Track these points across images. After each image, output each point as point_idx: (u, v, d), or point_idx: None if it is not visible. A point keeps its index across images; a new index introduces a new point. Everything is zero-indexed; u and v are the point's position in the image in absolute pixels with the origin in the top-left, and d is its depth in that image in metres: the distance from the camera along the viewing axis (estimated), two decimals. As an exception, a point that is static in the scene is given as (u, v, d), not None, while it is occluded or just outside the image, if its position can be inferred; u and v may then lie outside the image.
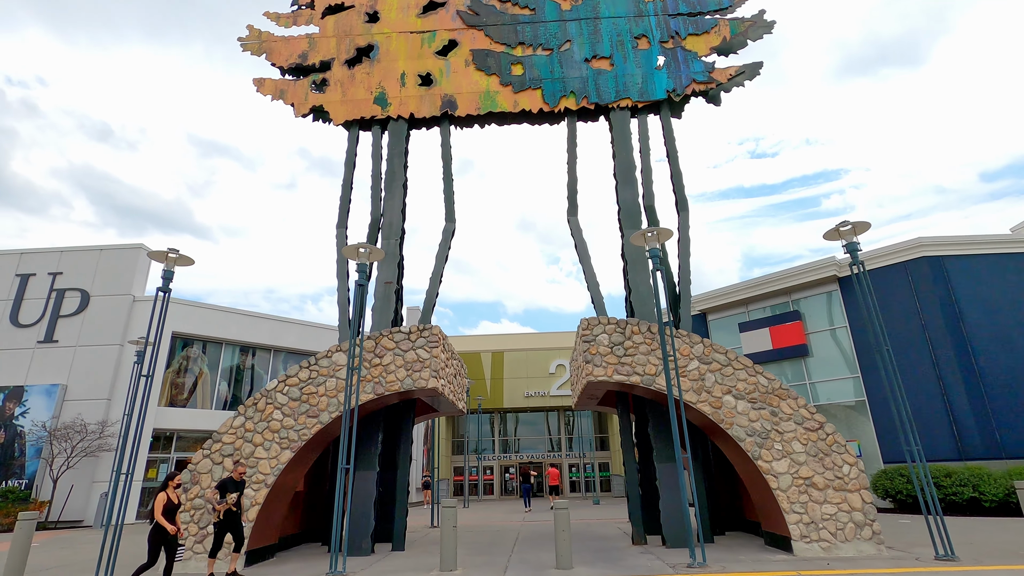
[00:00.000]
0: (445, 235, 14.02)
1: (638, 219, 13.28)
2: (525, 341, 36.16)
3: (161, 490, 7.64)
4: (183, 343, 20.46)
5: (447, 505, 8.71)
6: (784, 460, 9.46)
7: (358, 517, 10.56)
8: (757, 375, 10.10)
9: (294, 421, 10.15)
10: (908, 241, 16.79)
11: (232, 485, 8.28)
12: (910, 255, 16.65)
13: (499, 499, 32.53)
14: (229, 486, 8.27)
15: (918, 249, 16.51)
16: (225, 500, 8.10)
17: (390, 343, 10.77)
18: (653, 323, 10.80)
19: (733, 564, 8.30)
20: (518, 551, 10.35)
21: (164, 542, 7.43)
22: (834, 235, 10.11)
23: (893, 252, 17.11)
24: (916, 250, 16.54)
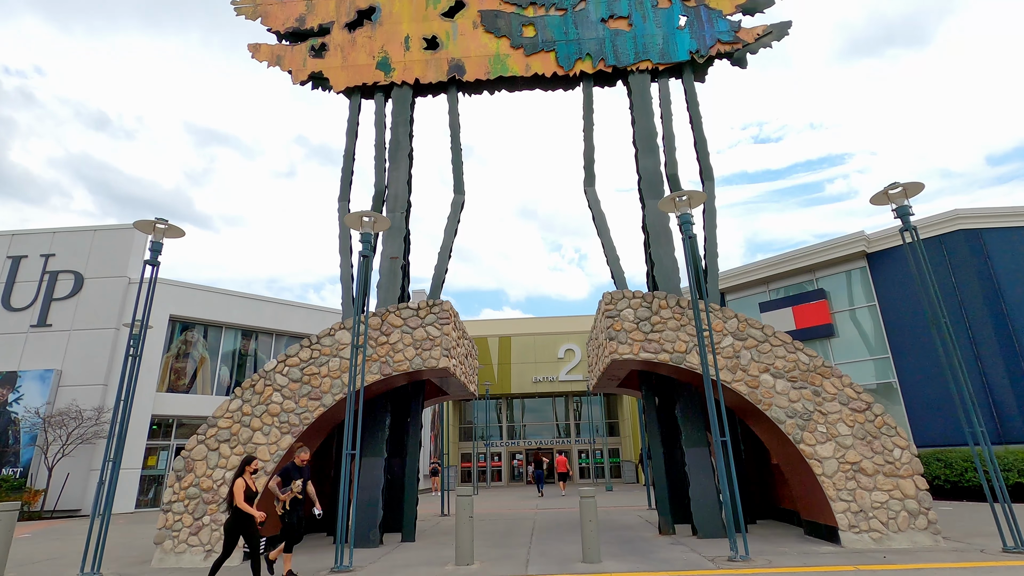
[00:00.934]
0: (454, 207, 13.17)
1: (660, 189, 12.41)
2: (533, 326, 35.41)
3: (237, 476, 6.85)
4: (182, 327, 19.76)
5: (463, 494, 7.97)
6: (829, 444, 8.66)
7: (365, 506, 9.85)
8: (797, 352, 9.28)
9: (295, 404, 9.40)
10: (944, 213, 15.85)
11: (295, 471, 7.39)
12: (946, 228, 15.71)
13: (507, 486, 31.98)
14: (292, 472, 7.35)
15: (955, 222, 15.57)
16: (290, 488, 7.24)
17: (397, 320, 9.97)
18: (682, 296, 9.96)
19: (778, 557, 7.54)
20: (537, 542, 9.63)
21: (244, 532, 6.65)
22: (882, 199, 9.22)
23: (928, 225, 16.16)
24: (952, 223, 15.60)
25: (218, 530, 8.61)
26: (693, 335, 9.54)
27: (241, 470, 6.94)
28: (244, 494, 6.70)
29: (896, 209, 9.16)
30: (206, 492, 8.81)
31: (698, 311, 8.65)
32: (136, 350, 8.79)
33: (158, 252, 9.30)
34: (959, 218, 15.52)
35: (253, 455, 7.22)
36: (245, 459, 7.06)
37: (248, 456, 7.10)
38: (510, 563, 7.80)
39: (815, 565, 6.97)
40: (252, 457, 7.10)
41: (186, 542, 8.56)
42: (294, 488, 7.27)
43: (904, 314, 16.27)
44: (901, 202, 9.12)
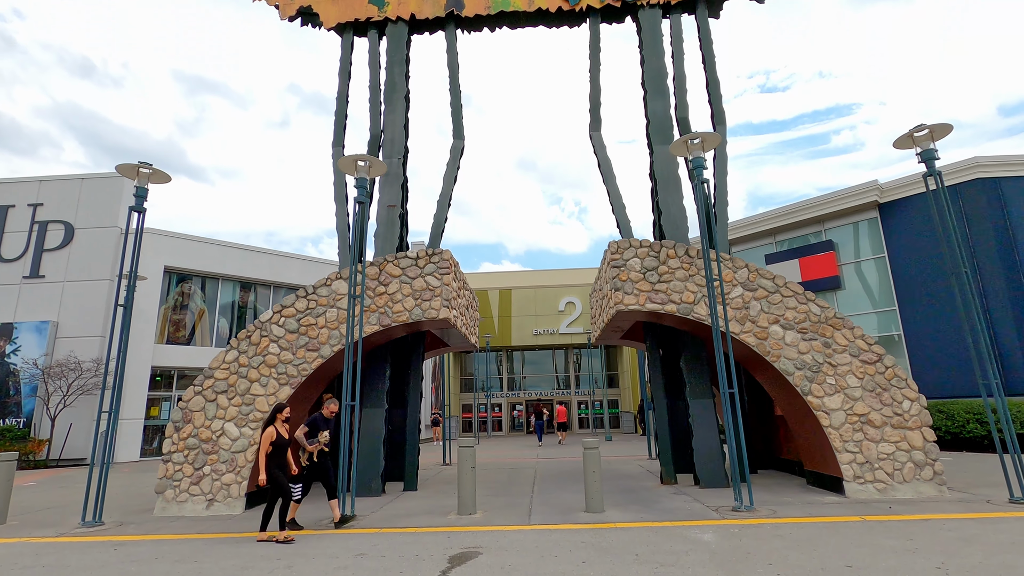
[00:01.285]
0: (453, 153, 12.61)
1: (670, 133, 11.82)
2: (534, 278, 35.16)
3: (268, 424, 6.63)
4: (178, 278, 19.47)
5: (464, 444, 7.85)
6: (837, 395, 8.50)
7: (367, 456, 9.81)
8: (808, 303, 9.00)
9: (292, 355, 9.19)
10: (962, 162, 15.26)
11: (323, 423, 7.17)
12: (964, 177, 15.17)
13: (508, 435, 32.54)
14: (320, 423, 7.12)
15: (972, 170, 15.01)
16: (317, 440, 7.02)
17: (395, 269, 9.64)
18: (691, 245, 9.59)
19: (782, 507, 7.49)
20: (539, 491, 9.65)
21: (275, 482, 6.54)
22: (907, 142, 8.74)
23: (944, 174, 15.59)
24: (970, 171, 15.04)
25: (219, 480, 8.56)
26: (701, 285, 9.23)
27: (272, 417, 6.74)
28: (272, 443, 6.54)
29: (921, 153, 8.69)
30: (205, 443, 8.71)
31: (708, 260, 8.31)
32: (126, 300, 8.50)
33: (143, 198, 8.88)
34: (978, 166, 14.96)
35: (284, 402, 6.93)
36: (276, 406, 6.79)
37: (279, 404, 6.87)
38: (513, 512, 7.77)
39: (820, 515, 6.91)
40: (283, 404, 6.85)
41: (187, 491, 8.52)
42: (321, 440, 7.07)
43: (914, 266, 15.94)
44: (927, 145, 8.64)
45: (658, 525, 6.67)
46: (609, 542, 5.93)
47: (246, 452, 8.66)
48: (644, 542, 5.88)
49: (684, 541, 5.88)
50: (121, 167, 8.60)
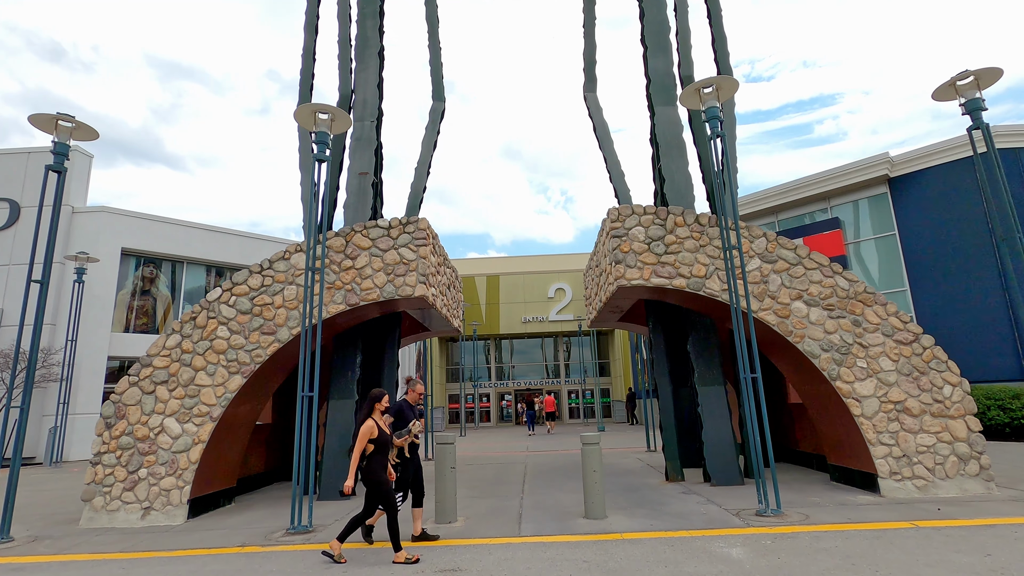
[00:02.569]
0: (433, 115, 11.36)
1: (672, 93, 10.64)
2: (522, 264, 34.00)
3: (366, 416, 5.24)
4: (138, 261, 18.01)
5: (444, 441, 6.69)
6: (869, 380, 7.46)
7: (334, 455, 8.62)
8: (835, 276, 7.93)
9: (244, 339, 7.94)
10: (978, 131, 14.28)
11: (410, 409, 5.83)
12: (980, 147, 14.19)
13: (496, 426, 31.50)
14: (407, 411, 5.80)
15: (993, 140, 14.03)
16: (408, 430, 5.66)
17: (365, 241, 8.41)
18: (701, 212, 8.47)
19: (813, 510, 6.44)
20: (530, 491, 8.54)
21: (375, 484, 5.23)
22: (948, 92, 7.67)
23: (957, 147, 14.65)
24: (988, 141, 14.07)
25: (157, 484, 7.34)
26: (714, 257, 8.12)
27: (370, 408, 5.26)
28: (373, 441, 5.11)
29: (965, 104, 7.61)
30: (141, 441, 7.47)
31: (725, 225, 7.17)
32: (42, 277, 7.18)
33: (63, 156, 7.51)
34: (997, 136, 13.99)
35: (381, 390, 5.43)
36: (373, 395, 5.29)
37: (377, 391, 5.34)
38: (500, 519, 6.64)
39: (861, 520, 5.87)
40: (381, 392, 5.37)
41: (120, 499, 7.28)
42: (413, 430, 5.69)
43: (926, 243, 15.00)
44: (972, 94, 7.56)
45: (673, 536, 5.58)
46: (618, 561, 4.82)
47: (189, 452, 7.42)
48: (660, 561, 4.78)
49: (709, 559, 4.79)
50: (35, 117, 7.24)
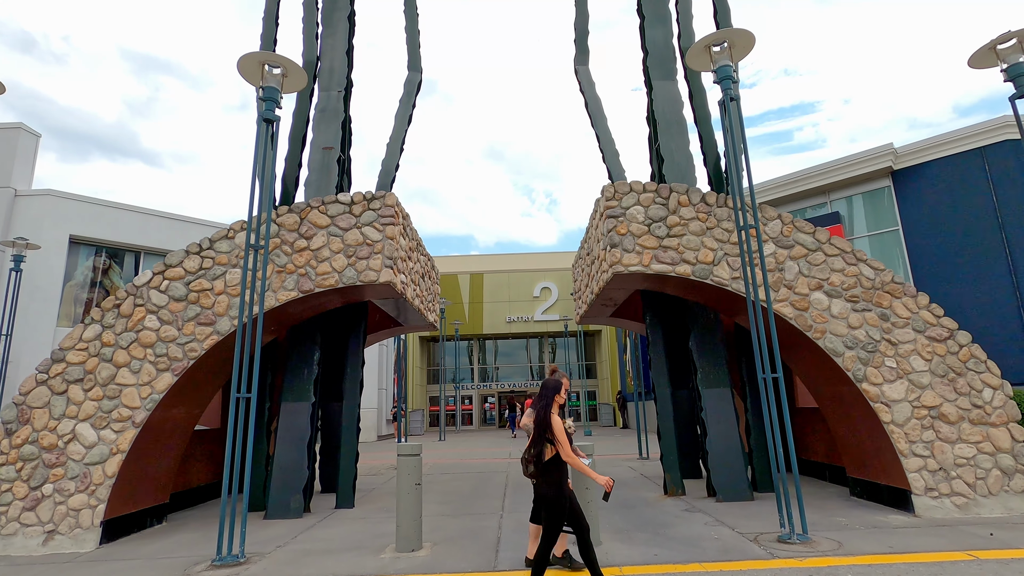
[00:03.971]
0: (409, 87, 10.26)
1: (672, 66, 9.69)
2: (507, 262, 32.96)
3: (546, 411, 3.94)
4: (89, 251, 16.58)
5: (406, 453, 5.59)
6: (900, 383, 6.52)
7: (285, 466, 7.45)
8: (859, 263, 7.00)
9: (177, 331, 6.77)
10: (988, 121, 13.57)
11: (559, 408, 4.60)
12: (990, 139, 13.47)
13: (479, 430, 30.40)
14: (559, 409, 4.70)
15: (1001, 130, 13.31)
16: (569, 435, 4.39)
17: (323, 218, 7.28)
18: (708, 191, 7.49)
19: (845, 535, 5.46)
20: (511, 506, 7.47)
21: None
22: (987, 58, 6.74)
23: (965, 137, 13.91)
24: (998, 131, 13.35)
25: (64, 503, 6.12)
26: (722, 241, 7.14)
27: (549, 402, 3.99)
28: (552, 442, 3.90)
29: (1007, 70, 6.70)
30: (48, 451, 6.26)
31: (738, 195, 6.18)
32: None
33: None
34: (1007, 126, 13.27)
35: (558, 378, 4.19)
36: (551, 385, 4.06)
37: (553, 380, 4.11)
38: (475, 546, 5.56)
39: (906, 549, 4.89)
40: (559, 380, 4.14)
41: (18, 520, 6.06)
42: (570, 432, 4.48)
43: (931, 239, 14.24)
44: (1016, 59, 6.66)
45: (684, 571, 4.55)
46: (620, 610, 3.77)
47: (105, 464, 6.23)
48: (674, 610, 3.74)
49: (736, 607, 3.76)
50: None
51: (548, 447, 3.91)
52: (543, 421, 3.91)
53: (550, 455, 3.92)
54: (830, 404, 7.33)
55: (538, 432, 3.93)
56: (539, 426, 3.93)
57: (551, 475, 3.90)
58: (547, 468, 3.91)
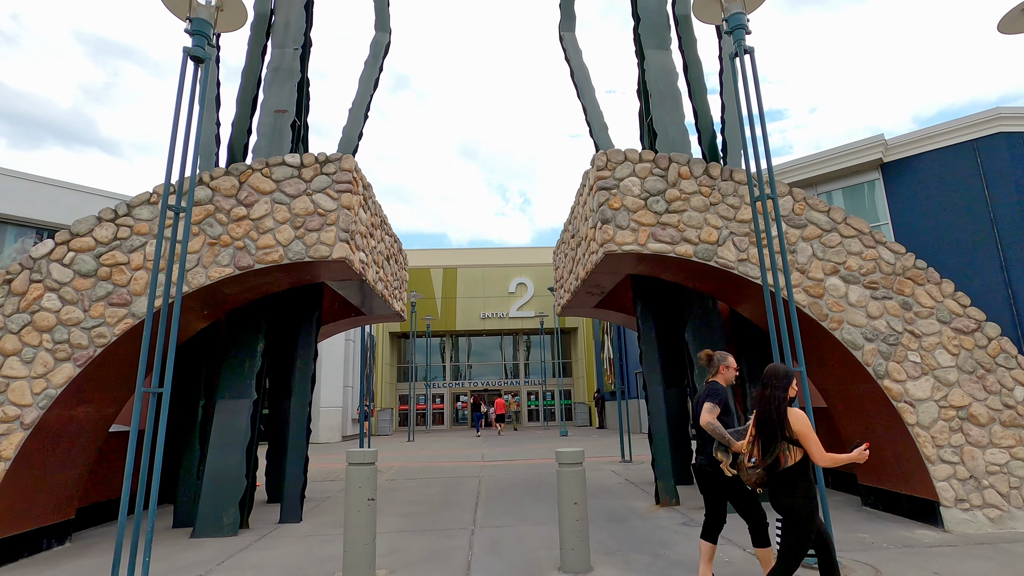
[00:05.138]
0: (376, 49, 9.20)
1: (667, 35, 8.88)
2: (481, 257, 31.95)
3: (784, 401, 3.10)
4: (20, 232, 14.93)
5: (358, 461, 4.57)
6: (925, 380, 5.79)
7: (218, 475, 6.33)
8: (877, 246, 6.25)
9: (83, 313, 5.61)
10: (982, 113, 13.15)
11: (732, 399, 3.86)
12: (983, 131, 13.06)
13: (450, 429, 29.34)
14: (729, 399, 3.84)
15: (994, 123, 12.92)
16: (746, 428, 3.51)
17: (266, 182, 6.19)
18: (712, 162, 6.65)
19: (877, 557, 4.66)
20: (484, 520, 6.51)
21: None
22: (1018, 22, 6.06)
23: (957, 129, 13.51)
24: (991, 124, 12.95)
25: (-72, 524, 4.92)
26: (727, 218, 6.31)
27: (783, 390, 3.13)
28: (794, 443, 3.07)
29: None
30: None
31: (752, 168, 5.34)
32: None
33: None
34: (1000, 118, 12.89)
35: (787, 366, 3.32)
36: (783, 372, 3.19)
37: (783, 368, 3.22)
38: (439, 573, 4.59)
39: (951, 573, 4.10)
40: (789, 369, 3.24)
41: None
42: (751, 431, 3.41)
43: (922, 235, 13.79)
44: (1051, 19, 5.99)
45: (700, 610, 3.66)
46: (628, 674, 2.85)
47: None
48: (699, 672, 2.83)
49: (778, 667, 2.87)
50: None
51: (790, 450, 3.06)
52: (778, 418, 3.07)
53: (793, 460, 3.06)
54: (841, 404, 6.58)
55: (769, 432, 3.09)
56: (771, 424, 3.08)
57: (798, 485, 3.05)
58: (791, 477, 3.06)
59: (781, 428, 3.06)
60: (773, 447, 3.07)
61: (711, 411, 3.64)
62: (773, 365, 3.28)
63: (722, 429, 3.57)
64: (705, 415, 3.65)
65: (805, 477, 3.07)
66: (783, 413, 3.08)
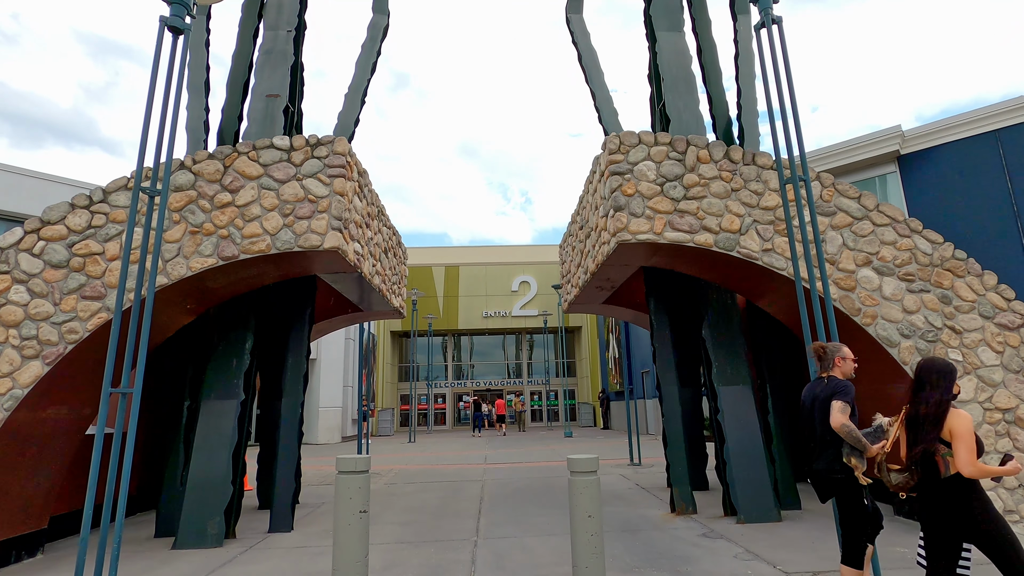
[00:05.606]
0: (373, 32, 8.77)
1: (679, 17, 8.43)
2: (484, 255, 31.52)
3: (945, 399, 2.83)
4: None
5: (349, 469, 4.13)
6: (968, 379, 5.33)
7: (202, 481, 5.90)
8: (912, 234, 5.80)
9: (53, 307, 5.18)
10: (1006, 102, 12.68)
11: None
12: (1006, 120, 12.57)
13: (452, 430, 28.92)
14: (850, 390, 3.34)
15: (1019, 112, 12.44)
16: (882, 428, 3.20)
17: (253, 167, 5.76)
18: (732, 145, 6.20)
19: None
20: (487, 530, 6.07)
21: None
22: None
23: (979, 119, 13.01)
24: (1016, 113, 12.47)
25: None
26: (750, 205, 5.86)
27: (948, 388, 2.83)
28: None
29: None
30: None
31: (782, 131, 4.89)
32: None
33: None
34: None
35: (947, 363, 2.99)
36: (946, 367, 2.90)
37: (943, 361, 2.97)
38: (438, 594, 4.15)
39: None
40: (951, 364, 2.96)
41: None
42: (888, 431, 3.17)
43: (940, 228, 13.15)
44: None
45: (735, 642, 3.21)
46: None
47: (-60, 483, 4.62)
48: None
49: None
50: None
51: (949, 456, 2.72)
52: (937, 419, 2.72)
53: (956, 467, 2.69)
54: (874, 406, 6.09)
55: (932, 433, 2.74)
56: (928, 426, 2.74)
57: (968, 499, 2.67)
58: (958, 488, 2.67)
59: (938, 430, 2.70)
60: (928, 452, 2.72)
61: (843, 410, 3.13)
62: (930, 359, 2.96)
63: (858, 432, 3.11)
64: (838, 415, 3.13)
65: (974, 491, 2.68)
66: (943, 414, 2.72)
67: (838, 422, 3.09)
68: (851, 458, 3.10)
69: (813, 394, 3.40)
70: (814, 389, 3.42)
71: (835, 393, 3.21)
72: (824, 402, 3.25)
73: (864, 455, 3.08)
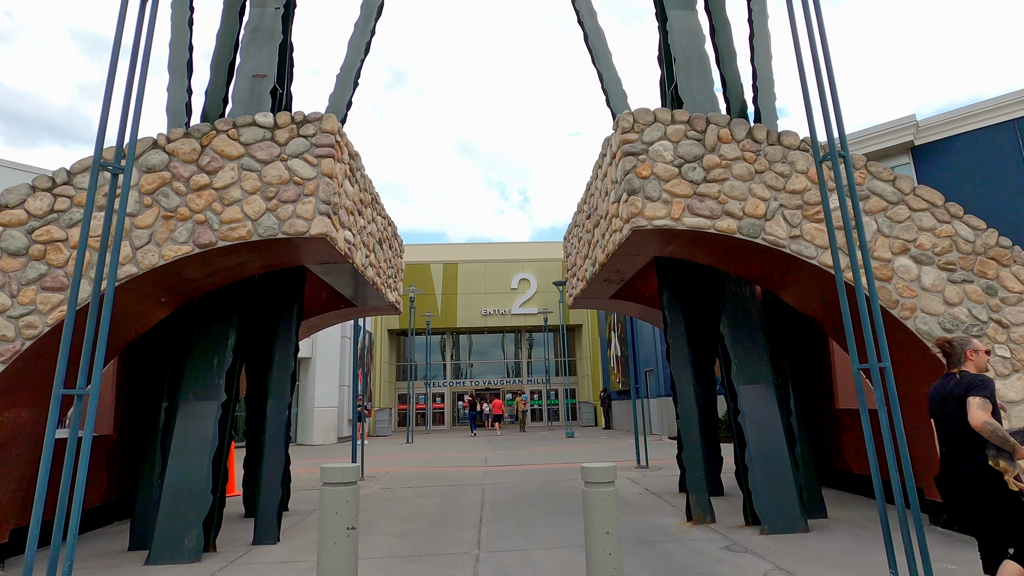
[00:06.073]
0: (367, 10, 8.27)
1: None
2: (483, 252, 31.05)
3: None
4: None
5: (335, 480, 3.65)
6: (1016, 378, 4.87)
7: (179, 490, 5.41)
8: (953, 220, 5.33)
9: (9, 299, 4.69)
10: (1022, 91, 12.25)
11: None
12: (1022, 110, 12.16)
13: (450, 430, 28.46)
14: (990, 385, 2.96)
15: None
16: None
17: (233, 146, 5.26)
18: (756, 124, 5.73)
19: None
20: (490, 541, 5.60)
21: None
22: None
23: (996, 108, 12.59)
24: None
25: None
26: (776, 188, 5.39)
27: None
28: None
29: None
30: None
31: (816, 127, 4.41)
32: None
33: None
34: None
35: None
36: None
37: None
38: (436, 621, 3.67)
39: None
40: None
41: None
42: None
43: None
44: None
45: None
46: None
47: None
48: None
49: None
50: None
51: None
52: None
53: None
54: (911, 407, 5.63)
55: None
56: None
57: None
58: None
59: None
60: None
61: (983, 407, 2.75)
62: None
63: (1004, 431, 2.66)
64: (979, 413, 2.73)
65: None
66: None
67: (979, 420, 2.67)
68: (999, 460, 2.67)
69: (944, 392, 2.97)
70: (944, 387, 3.00)
71: (971, 388, 2.79)
72: (959, 400, 2.82)
73: (1014, 457, 2.64)
